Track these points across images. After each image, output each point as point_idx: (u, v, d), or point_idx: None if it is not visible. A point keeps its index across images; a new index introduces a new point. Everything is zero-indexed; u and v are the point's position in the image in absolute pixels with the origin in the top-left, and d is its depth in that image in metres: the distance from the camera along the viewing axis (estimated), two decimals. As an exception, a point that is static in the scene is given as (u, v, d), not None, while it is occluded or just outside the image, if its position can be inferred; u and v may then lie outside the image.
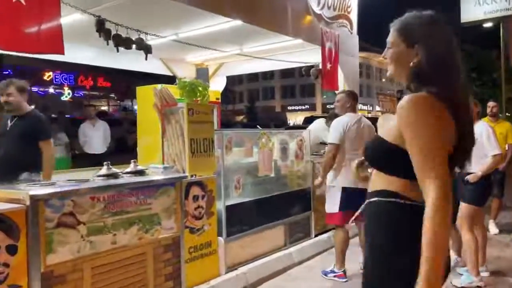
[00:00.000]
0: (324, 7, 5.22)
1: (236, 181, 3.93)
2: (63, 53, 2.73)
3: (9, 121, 3.88)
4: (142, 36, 3.80)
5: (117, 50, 3.57)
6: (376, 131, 4.95)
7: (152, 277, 3.05)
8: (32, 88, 24.66)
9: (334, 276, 3.91)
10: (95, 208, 2.70)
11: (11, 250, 2.30)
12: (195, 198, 3.49)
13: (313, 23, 5.04)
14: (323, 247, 4.81)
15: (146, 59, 3.93)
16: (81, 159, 7.65)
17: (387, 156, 1.48)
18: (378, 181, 1.52)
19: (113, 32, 3.46)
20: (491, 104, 5.53)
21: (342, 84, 5.74)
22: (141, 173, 3.26)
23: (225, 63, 7.45)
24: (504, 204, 5.88)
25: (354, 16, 5.88)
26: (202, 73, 7.47)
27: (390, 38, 1.53)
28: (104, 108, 26.61)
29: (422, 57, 1.41)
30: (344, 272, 3.89)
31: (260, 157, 4.20)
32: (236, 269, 3.84)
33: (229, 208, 3.82)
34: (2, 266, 2.26)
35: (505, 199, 5.83)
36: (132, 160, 3.33)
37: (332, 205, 3.92)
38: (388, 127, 1.49)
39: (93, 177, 3.07)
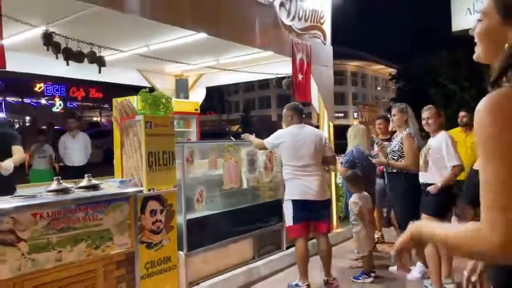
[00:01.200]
0: (294, 18, 5.21)
1: (198, 194, 3.88)
2: (4, 67, 2.73)
3: None
4: (95, 49, 3.78)
5: (67, 64, 3.55)
6: (346, 141, 4.93)
7: (102, 294, 2.99)
8: (24, 100, 24.80)
9: None
10: (38, 225, 2.65)
11: None
12: (153, 212, 3.44)
13: (282, 35, 5.03)
14: (294, 260, 4.75)
15: (99, 72, 3.90)
16: (66, 171, 7.62)
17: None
18: None
19: (63, 46, 3.45)
20: (461, 114, 5.51)
21: (315, 94, 5.73)
22: (94, 187, 3.21)
23: (205, 74, 7.44)
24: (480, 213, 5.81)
25: (327, 27, 5.88)
26: (182, 84, 7.47)
27: (483, 7, 1.13)
28: (97, 119, 26.64)
29: None
30: (308, 286, 3.83)
31: (226, 169, 4.16)
32: (198, 284, 3.78)
33: (190, 222, 3.77)
34: None
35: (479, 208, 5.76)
36: (86, 175, 3.29)
37: (288, 219, 3.92)
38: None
39: (42, 192, 3.02)
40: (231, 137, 4.63)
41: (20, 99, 24.37)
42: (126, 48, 5.06)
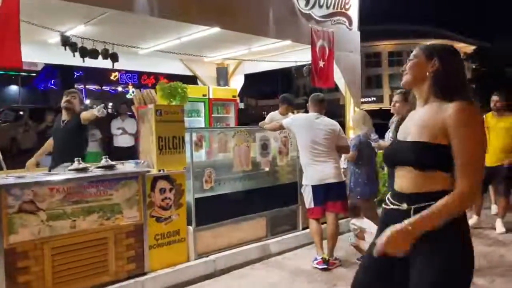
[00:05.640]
0: (314, 6, 5.29)
1: (207, 176, 4.24)
2: (21, 66, 3.24)
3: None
4: (108, 47, 4.26)
5: (83, 61, 4.07)
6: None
7: (113, 259, 3.48)
8: (103, 87, 27.10)
9: (315, 262, 4.13)
10: (55, 198, 3.18)
11: (-23, 229, 2.85)
12: (162, 190, 3.87)
13: (301, 24, 5.16)
14: (309, 240, 4.95)
15: (113, 66, 4.40)
16: (115, 153, 8.43)
17: (435, 155, 1.59)
18: (423, 182, 1.61)
19: (79, 45, 3.97)
20: (494, 98, 5.24)
21: (340, 80, 5.78)
22: (110, 167, 3.71)
23: (243, 62, 7.75)
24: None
25: (353, 12, 5.84)
26: (221, 72, 7.87)
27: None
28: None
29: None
30: (323, 258, 4.07)
31: (236, 153, 4.47)
32: (207, 256, 4.16)
33: (199, 200, 4.15)
34: (-30, 242, 2.82)
35: None
36: (103, 156, 3.80)
37: (307, 202, 4.23)
38: (425, 129, 1.62)
39: (65, 170, 3.58)
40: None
41: (99, 87, 26.73)
42: (159, 42, 5.56)
